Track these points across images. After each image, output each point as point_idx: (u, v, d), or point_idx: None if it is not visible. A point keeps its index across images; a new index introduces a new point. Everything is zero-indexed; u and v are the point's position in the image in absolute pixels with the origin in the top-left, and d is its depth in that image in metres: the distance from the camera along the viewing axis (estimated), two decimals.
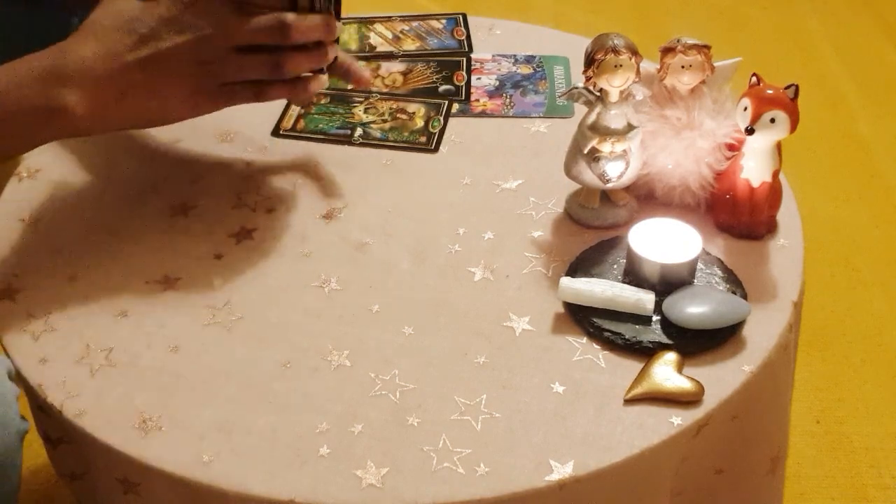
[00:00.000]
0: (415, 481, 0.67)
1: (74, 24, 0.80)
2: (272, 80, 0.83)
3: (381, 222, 0.87)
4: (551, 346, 0.76)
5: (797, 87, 0.78)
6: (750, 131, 0.78)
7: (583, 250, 0.83)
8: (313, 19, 0.81)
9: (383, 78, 1.04)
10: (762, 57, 2.17)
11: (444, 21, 1.12)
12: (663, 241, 0.78)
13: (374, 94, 1.02)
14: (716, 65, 0.83)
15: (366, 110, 1.00)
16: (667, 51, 0.82)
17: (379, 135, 0.97)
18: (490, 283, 0.82)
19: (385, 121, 0.99)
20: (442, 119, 0.99)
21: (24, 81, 0.76)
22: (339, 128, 0.98)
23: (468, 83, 1.03)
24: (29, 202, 0.90)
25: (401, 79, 1.04)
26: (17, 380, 0.75)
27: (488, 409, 0.72)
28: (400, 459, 0.69)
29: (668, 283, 0.77)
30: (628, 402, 0.72)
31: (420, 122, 0.98)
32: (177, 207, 0.89)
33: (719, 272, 0.80)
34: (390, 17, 1.13)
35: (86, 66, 0.76)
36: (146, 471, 0.69)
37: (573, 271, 0.81)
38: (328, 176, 0.93)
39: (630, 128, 0.81)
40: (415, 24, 1.12)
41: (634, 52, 0.78)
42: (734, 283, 0.80)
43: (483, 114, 1.00)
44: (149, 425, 0.71)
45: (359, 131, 0.97)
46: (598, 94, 0.80)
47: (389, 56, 1.07)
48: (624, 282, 0.79)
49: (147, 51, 0.77)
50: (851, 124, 2.01)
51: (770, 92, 0.78)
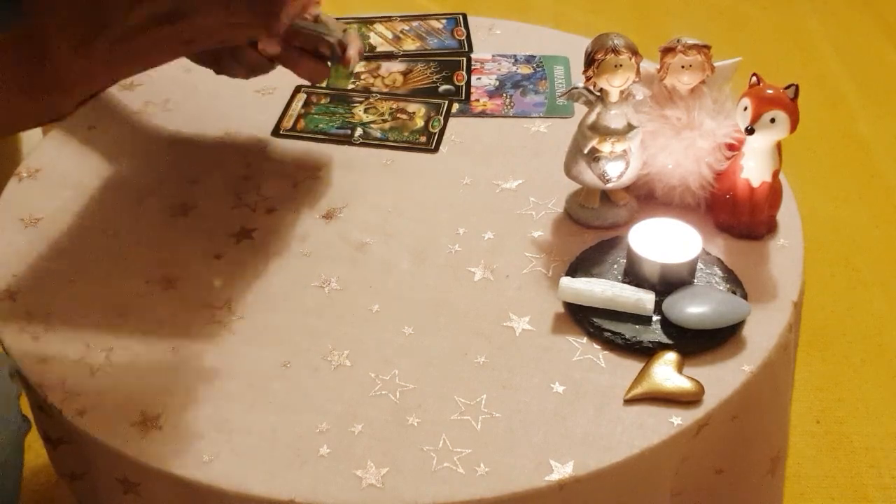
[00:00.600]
0: (415, 481, 0.67)
1: None
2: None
3: (381, 222, 0.87)
4: (551, 346, 0.76)
5: (797, 87, 0.78)
6: (750, 131, 0.78)
7: (583, 250, 0.83)
8: None
9: (383, 78, 1.04)
10: (762, 57, 2.17)
11: (444, 21, 1.12)
12: (663, 241, 0.78)
13: (374, 94, 1.02)
14: (716, 65, 0.83)
15: (366, 110, 1.00)
16: (667, 51, 0.82)
17: (379, 135, 0.97)
18: (490, 283, 0.82)
19: (385, 121, 0.99)
20: (442, 119, 0.98)
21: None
22: (339, 128, 0.98)
23: (468, 83, 1.03)
24: (29, 202, 0.90)
25: (401, 79, 1.04)
26: (18, 380, 0.75)
27: (488, 409, 0.72)
28: (400, 459, 0.69)
29: (668, 283, 0.77)
30: (628, 402, 0.72)
31: (420, 122, 0.98)
32: (177, 207, 0.89)
33: (719, 272, 0.80)
34: (390, 17, 1.13)
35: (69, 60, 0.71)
36: (146, 471, 0.69)
37: (573, 271, 0.81)
38: (328, 176, 0.93)
39: (630, 128, 0.81)
40: (415, 24, 1.12)
41: (634, 52, 0.78)
42: (734, 283, 0.80)
43: (483, 114, 1.00)
44: (149, 425, 0.71)
45: (359, 131, 0.97)
46: (598, 94, 0.80)
47: (389, 56, 1.07)
48: (624, 282, 0.79)
49: (133, 22, 0.69)
50: (851, 124, 2.01)
51: (770, 92, 0.78)
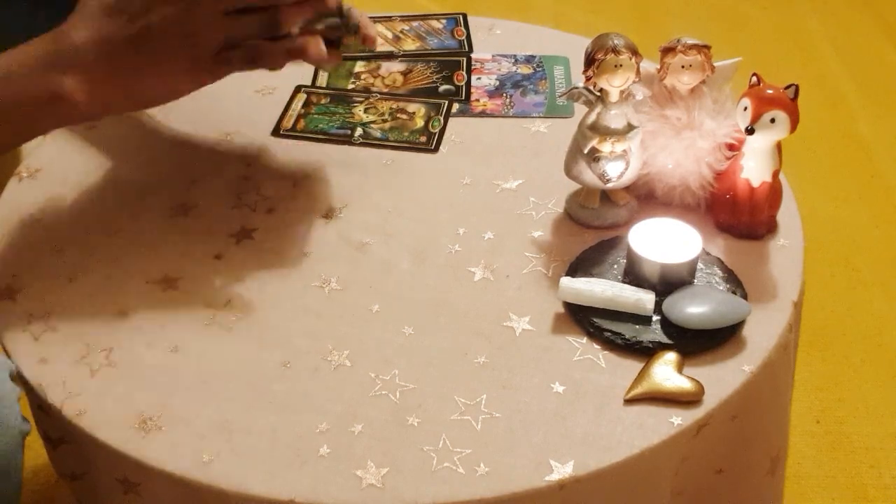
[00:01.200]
0: (415, 481, 0.67)
1: None
2: (270, 42, 0.80)
3: (381, 222, 0.87)
4: (551, 346, 0.76)
5: (797, 87, 0.78)
6: (750, 131, 0.78)
7: (583, 250, 0.83)
8: None
9: (383, 78, 1.04)
10: (762, 57, 2.17)
11: (444, 21, 1.12)
12: (663, 241, 0.78)
13: (374, 94, 1.02)
14: (716, 65, 0.83)
15: (366, 110, 1.00)
16: (667, 51, 0.82)
17: (379, 135, 0.97)
18: (490, 283, 0.82)
19: (385, 121, 0.99)
20: (442, 119, 0.98)
21: (21, 70, 0.75)
22: (339, 128, 0.98)
23: (468, 83, 1.03)
24: (29, 202, 0.90)
25: (401, 79, 1.04)
26: (18, 380, 0.75)
27: (488, 409, 0.72)
28: (400, 459, 0.69)
29: (668, 283, 0.77)
30: (628, 402, 0.72)
31: (420, 122, 0.98)
32: (177, 208, 0.89)
33: (719, 272, 0.80)
34: (390, 17, 1.13)
35: (80, 52, 0.76)
36: (146, 471, 0.69)
37: (573, 271, 0.81)
38: (328, 176, 0.93)
39: (630, 128, 0.81)
40: (415, 24, 1.12)
41: (634, 52, 0.78)
42: (734, 283, 0.80)
43: (483, 114, 1.00)
44: (149, 425, 0.71)
45: (359, 131, 0.97)
46: (598, 94, 0.80)
47: (389, 56, 1.07)
48: (624, 282, 0.79)
49: (137, 28, 0.77)
50: (851, 124, 2.01)
51: (770, 92, 0.78)
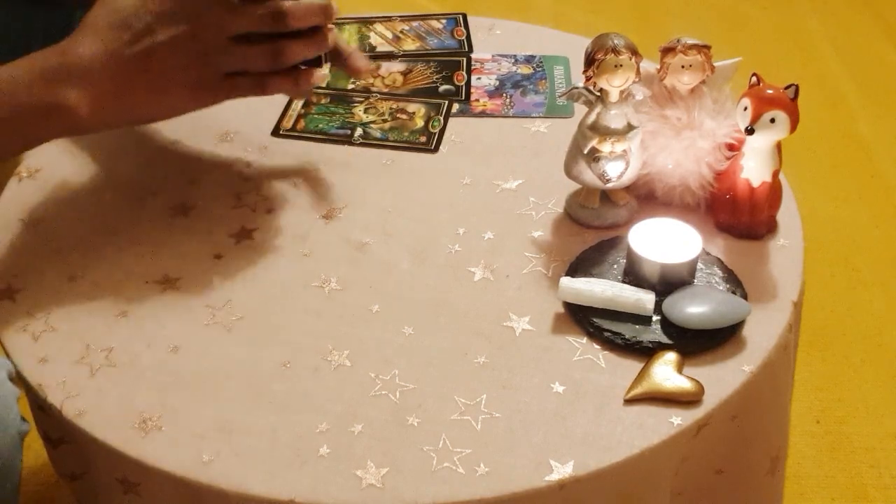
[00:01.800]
0: (415, 481, 0.67)
1: (75, 23, 0.80)
2: (273, 71, 0.82)
3: (381, 222, 0.87)
4: (551, 346, 0.76)
5: (797, 87, 0.78)
6: (750, 131, 0.78)
7: (583, 250, 0.83)
8: (310, 4, 0.81)
9: (383, 78, 1.04)
10: (762, 57, 2.17)
11: (444, 21, 1.12)
12: (663, 241, 0.78)
13: (374, 94, 1.02)
14: (716, 65, 0.83)
15: (366, 110, 1.00)
16: (667, 51, 0.82)
17: (379, 135, 0.97)
18: (490, 283, 0.82)
19: (385, 121, 0.99)
20: (442, 119, 0.98)
21: (25, 80, 0.76)
22: (339, 128, 0.98)
23: (468, 83, 1.03)
24: (29, 202, 0.90)
25: (401, 79, 1.04)
26: (18, 380, 0.75)
27: (488, 409, 0.72)
28: (400, 459, 0.69)
29: (668, 283, 0.77)
30: (628, 402, 0.72)
31: (420, 122, 0.98)
32: (177, 207, 0.89)
33: (719, 272, 0.80)
34: (390, 17, 1.13)
35: (85, 65, 0.76)
36: (146, 471, 0.69)
37: (573, 271, 0.81)
38: (328, 176, 0.93)
39: (630, 128, 0.81)
40: (415, 24, 1.12)
41: (634, 52, 0.78)
42: (734, 283, 0.80)
43: (483, 114, 1.00)
44: (149, 425, 0.71)
45: (359, 131, 0.97)
46: (598, 94, 0.80)
47: (389, 56, 1.07)
48: (624, 282, 0.79)
49: (144, 45, 0.77)
50: (851, 124, 2.01)
51: (770, 92, 0.78)
